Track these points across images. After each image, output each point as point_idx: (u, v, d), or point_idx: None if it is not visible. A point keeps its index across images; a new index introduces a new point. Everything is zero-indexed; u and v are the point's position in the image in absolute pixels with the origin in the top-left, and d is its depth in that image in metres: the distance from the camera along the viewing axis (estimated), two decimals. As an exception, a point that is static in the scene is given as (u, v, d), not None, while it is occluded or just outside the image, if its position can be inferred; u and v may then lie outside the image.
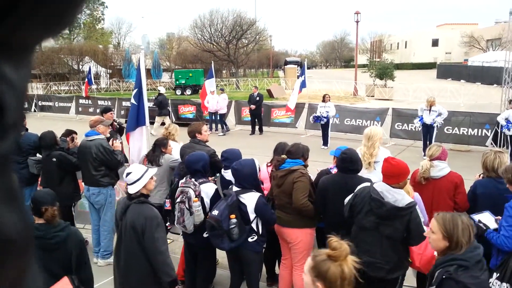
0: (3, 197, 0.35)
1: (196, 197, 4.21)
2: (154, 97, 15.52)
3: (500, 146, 11.17)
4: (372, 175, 4.60)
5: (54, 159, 5.73)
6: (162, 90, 16.30)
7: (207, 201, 4.31)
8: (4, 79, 0.34)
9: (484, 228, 3.74)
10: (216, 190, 4.39)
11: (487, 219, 3.85)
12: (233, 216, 3.91)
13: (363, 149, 5.01)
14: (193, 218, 4.23)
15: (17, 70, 0.35)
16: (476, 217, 3.88)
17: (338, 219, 3.85)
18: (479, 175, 4.41)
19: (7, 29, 0.32)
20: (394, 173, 3.52)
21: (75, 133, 6.33)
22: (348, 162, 4.06)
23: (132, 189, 3.64)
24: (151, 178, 3.73)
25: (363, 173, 4.40)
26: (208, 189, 4.36)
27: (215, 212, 3.95)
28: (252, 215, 3.97)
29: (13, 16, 0.32)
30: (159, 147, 5.48)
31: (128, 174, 3.70)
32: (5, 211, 0.34)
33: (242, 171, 4.07)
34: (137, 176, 3.65)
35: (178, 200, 4.30)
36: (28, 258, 0.38)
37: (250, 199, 3.99)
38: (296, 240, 4.26)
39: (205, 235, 4.28)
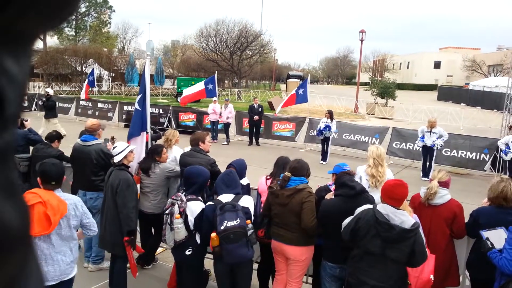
0: (3, 189, 0.35)
1: (179, 213, 4.11)
2: (44, 99, 15.27)
3: (498, 171, 11.19)
4: (377, 194, 4.55)
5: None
6: (51, 91, 16.37)
7: (191, 219, 4.18)
8: (5, 72, 0.33)
9: (490, 246, 3.69)
10: (202, 210, 4.20)
11: (497, 237, 3.74)
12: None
13: (372, 169, 4.98)
14: (173, 234, 4.15)
15: (18, 63, 0.35)
16: (486, 233, 3.79)
17: (338, 239, 3.81)
18: (486, 202, 4.24)
19: (7, 21, 0.32)
20: (404, 196, 3.51)
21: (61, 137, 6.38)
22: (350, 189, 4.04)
23: (117, 159, 4.76)
24: (131, 151, 4.90)
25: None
26: (195, 207, 4.22)
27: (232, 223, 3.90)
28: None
29: (13, 7, 0.32)
30: (151, 155, 5.37)
31: (114, 148, 4.89)
32: (5, 202, 0.34)
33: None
34: (120, 149, 4.79)
35: (166, 211, 4.24)
36: (27, 250, 0.38)
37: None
38: (301, 257, 4.23)
39: (187, 252, 4.21)
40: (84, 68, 41.18)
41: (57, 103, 16.12)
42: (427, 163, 11.13)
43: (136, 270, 4.85)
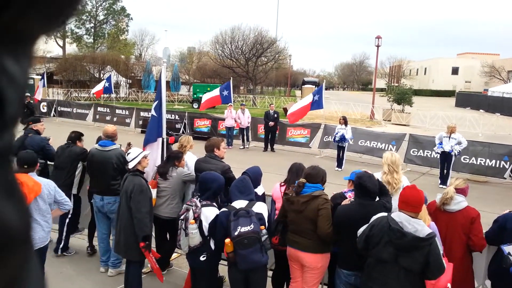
0: (3, 189, 0.35)
1: (193, 219, 4.14)
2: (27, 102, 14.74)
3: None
4: (394, 202, 4.50)
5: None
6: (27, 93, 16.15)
7: (205, 225, 4.18)
8: (5, 73, 0.33)
9: None
10: (217, 215, 4.20)
11: None
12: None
13: (387, 175, 4.92)
14: (188, 239, 4.17)
15: (18, 63, 0.34)
16: (508, 248, 3.72)
17: (353, 246, 3.78)
18: (508, 211, 4.19)
19: (7, 21, 0.32)
20: (418, 202, 3.45)
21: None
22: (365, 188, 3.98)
23: (131, 165, 4.84)
24: (145, 157, 4.95)
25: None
26: (209, 213, 4.22)
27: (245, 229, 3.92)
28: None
29: (13, 7, 0.32)
30: (172, 160, 5.45)
31: (128, 154, 4.98)
32: (5, 202, 0.34)
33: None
34: (134, 155, 4.87)
35: (181, 217, 4.28)
36: (27, 250, 0.38)
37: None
38: (317, 264, 4.20)
39: (201, 258, 4.23)
40: (102, 75, 41.85)
41: (35, 110, 16.08)
42: (445, 170, 10.96)
43: (161, 273, 4.87)
